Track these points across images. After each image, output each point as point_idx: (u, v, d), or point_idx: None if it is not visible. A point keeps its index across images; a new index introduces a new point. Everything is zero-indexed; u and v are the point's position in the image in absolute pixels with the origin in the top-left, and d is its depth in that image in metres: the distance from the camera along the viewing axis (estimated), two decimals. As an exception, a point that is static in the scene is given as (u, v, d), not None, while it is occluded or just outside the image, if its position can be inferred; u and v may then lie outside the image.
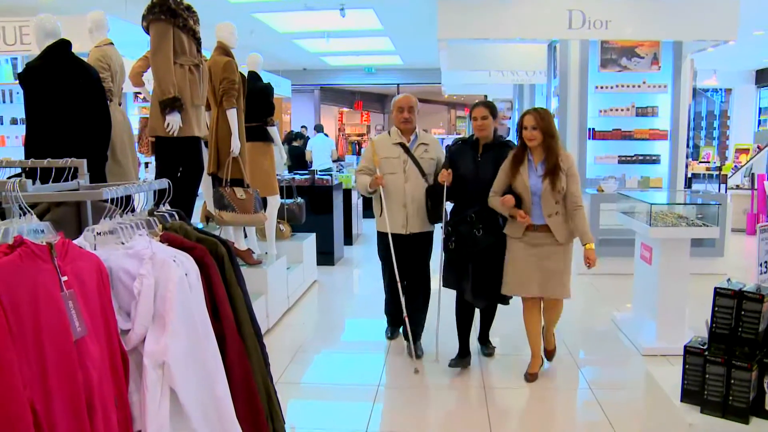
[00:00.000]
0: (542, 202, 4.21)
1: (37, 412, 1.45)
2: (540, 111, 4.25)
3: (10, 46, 8.43)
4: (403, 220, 4.78)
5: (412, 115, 4.80)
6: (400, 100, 4.85)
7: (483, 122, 4.48)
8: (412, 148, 4.80)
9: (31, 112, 4.26)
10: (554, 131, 4.21)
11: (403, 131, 4.83)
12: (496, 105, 4.63)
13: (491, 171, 4.40)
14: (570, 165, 4.21)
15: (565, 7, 7.53)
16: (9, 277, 1.45)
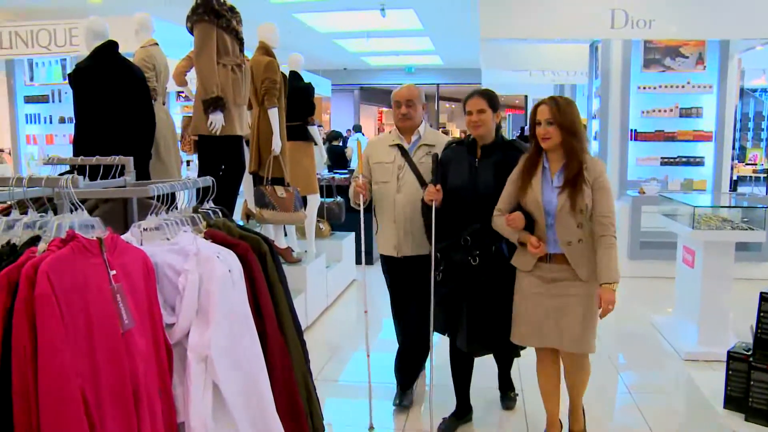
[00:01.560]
0: (558, 224, 3.18)
1: (87, 400, 1.50)
2: (559, 100, 3.19)
3: (60, 47, 8.65)
4: (395, 239, 3.87)
5: (413, 110, 3.87)
6: (397, 93, 3.95)
7: (479, 117, 3.49)
8: (412, 151, 3.87)
9: (79, 111, 4.38)
10: (578, 128, 3.15)
11: (402, 130, 3.92)
12: (496, 94, 3.64)
13: (492, 180, 3.45)
14: (598, 175, 3.16)
15: (607, 6, 7.44)
16: (62, 271, 1.50)
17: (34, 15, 9.56)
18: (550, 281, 3.25)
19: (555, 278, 3.24)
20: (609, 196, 3.17)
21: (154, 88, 5.04)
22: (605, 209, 3.14)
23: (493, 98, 3.57)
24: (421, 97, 3.95)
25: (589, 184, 3.12)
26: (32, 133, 9.97)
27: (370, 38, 13.13)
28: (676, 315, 5.50)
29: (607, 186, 3.17)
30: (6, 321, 1.46)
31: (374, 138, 4.38)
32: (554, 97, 3.21)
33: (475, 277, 3.42)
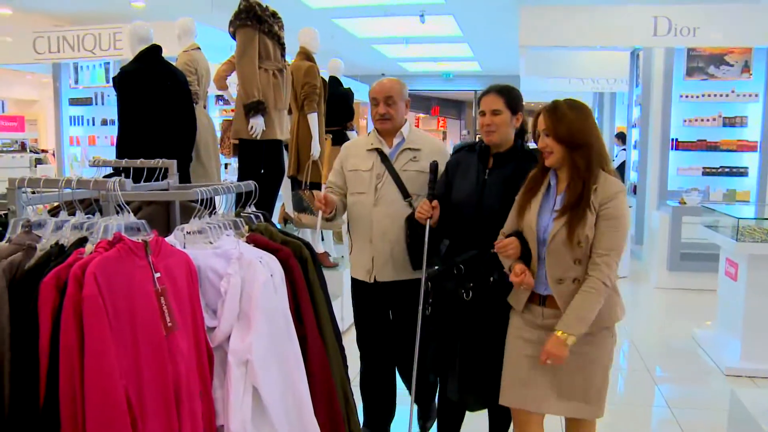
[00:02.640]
0: (549, 256, 2.53)
1: (131, 400, 1.52)
2: (559, 105, 2.53)
3: (104, 51, 8.82)
4: (368, 262, 3.24)
5: (393, 109, 3.18)
6: (374, 88, 3.26)
7: (493, 119, 2.83)
8: (393, 157, 3.22)
9: (123, 114, 4.45)
10: (583, 139, 2.49)
11: (382, 132, 3.25)
12: (518, 92, 2.96)
13: (500, 197, 2.80)
14: (608, 199, 2.46)
15: (650, 13, 7.36)
16: (108, 272, 1.52)
17: (80, 20, 9.79)
18: (541, 328, 2.59)
19: (549, 325, 2.55)
20: (617, 229, 2.47)
21: (195, 92, 5.10)
22: (605, 244, 2.46)
23: (513, 97, 2.90)
24: (404, 93, 3.26)
25: (594, 211, 2.47)
26: (75, 134, 10.19)
27: (408, 44, 13.14)
28: (718, 329, 5.38)
29: (617, 215, 2.46)
30: (55, 319, 1.49)
31: (350, 141, 3.69)
32: (556, 102, 2.57)
33: (467, 314, 2.79)
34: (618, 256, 2.50)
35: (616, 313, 2.62)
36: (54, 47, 9.09)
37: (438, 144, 3.37)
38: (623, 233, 2.51)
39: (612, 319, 2.60)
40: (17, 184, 1.84)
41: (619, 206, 2.47)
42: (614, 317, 2.61)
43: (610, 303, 2.57)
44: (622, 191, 2.51)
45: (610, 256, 2.47)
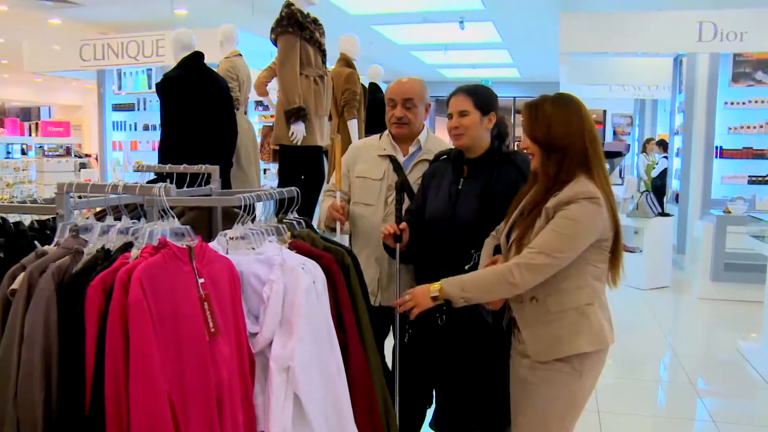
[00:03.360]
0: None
1: (174, 405, 1.52)
2: (540, 104, 2.26)
3: (147, 58, 8.99)
4: (372, 282, 2.86)
5: (411, 114, 2.86)
6: (392, 88, 2.93)
7: (460, 121, 2.58)
8: (408, 167, 2.91)
9: (166, 119, 4.52)
10: (562, 142, 2.18)
11: (396, 137, 2.94)
12: (491, 92, 2.69)
13: (474, 208, 2.54)
14: (570, 200, 2.14)
15: (694, 18, 7.24)
16: (154, 277, 1.53)
17: (124, 28, 9.99)
18: (518, 354, 2.35)
19: (521, 351, 2.31)
20: (559, 231, 2.12)
21: (236, 98, 5.15)
22: (537, 240, 2.14)
23: (483, 96, 2.62)
24: (425, 96, 2.93)
25: (549, 214, 2.16)
26: (118, 139, 10.39)
27: (447, 51, 13.12)
28: (765, 341, 5.24)
29: (568, 216, 2.12)
30: (101, 324, 1.50)
31: (360, 142, 3.26)
32: (540, 98, 2.29)
33: (442, 341, 2.57)
34: (546, 260, 2.10)
35: (578, 343, 2.18)
36: (99, 54, 9.29)
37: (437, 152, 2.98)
38: (566, 239, 2.11)
39: (571, 348, 2.18)
40: (65, 188, 1.86)
41: (576, 210, 2.12)
42: (575, 346, 2.18)
43: (572, 328, 2.18)
44: (589, 198, 2.13)
45: (534, 256, 2.11)
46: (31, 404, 1.52)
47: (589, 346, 2.19)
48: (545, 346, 2.21)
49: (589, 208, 2.13)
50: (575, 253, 2.14)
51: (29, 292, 1.58)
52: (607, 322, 2.25)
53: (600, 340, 2.22)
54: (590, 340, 2.19)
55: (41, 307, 1.56)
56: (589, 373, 2.25)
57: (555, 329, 2.19)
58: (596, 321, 2.20)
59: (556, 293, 2.19)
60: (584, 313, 2.18)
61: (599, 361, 2.27)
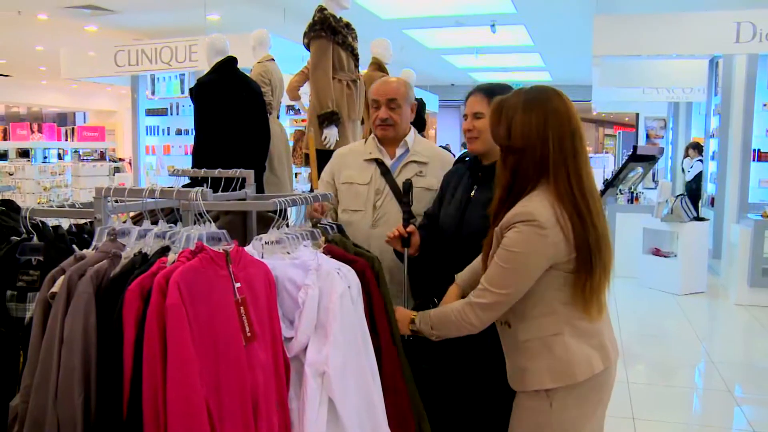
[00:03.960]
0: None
1: (211, 410, 1.52)
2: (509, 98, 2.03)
3: (180, 63, 9.09)
4: None
5: (396, 114, 2.78)
6: (376, 88, 2.84)
7: (474, 123, 2.43)
8: (395, 170, 2.83)
9: (200, 124, 4.56)
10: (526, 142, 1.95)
11: (382, 140, 2.86)
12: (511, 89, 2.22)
13: (482, 218, 2.23)
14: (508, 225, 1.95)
15: (732, 19, 7.10)
16: (191, 282, 1.54)
17: (157, 34, 10.11)
18: None
19: None
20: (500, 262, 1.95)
21: (269, 103, 5.18)
22: (487, 277, 1.99)
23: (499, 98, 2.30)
24: (410, 96, 2.83)
25: (498, 239, 1.99)
26: (151, 143, 10.51)
27: (479, 54, 13.07)
28: (805, 349, 5.14)
29: (506, 245, 1.94)
30: (139, 327, 1.51)
31: (344, 148, 3.16)
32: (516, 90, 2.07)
33: (437, 356, 2.38)
34: (495, 298, 1.95)
35: (539, 377, 1.99)
36: (133, 60, 9.42)
37: (447, 157, 2.93)
38: (509, 274, 1.93)
39: (533, 382, 2.01)
40: (103, 193, 1.88)
41: (513, 238, 1.92)
42: (536, 381, 2.00)
43: (535, 360, 2.00)
44: (525, 222, 1.90)
45: (483, 294, 1.97)
46: (71, 406, 1.53)
47: (552, 381, 1.98)
48: (513, 376, 2.10)
49: (527, 233, 1.90)
50: (526, 286, 1.95)
51: (69, 295, 1.60)
52: (587, 351, 1.99)
53: (566, 374, 1.97)
54: (553, 375, 1.98)
55: (80, 310, 1.58)
56: (566, 407, 2.00)
57: (521, 359, 2.04)
58: (563, 353, 1.97)
59: (524, 320, 2.02)
60: (547, 345, 1.98)
61: (579, 396, 2.01)
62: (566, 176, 1.93)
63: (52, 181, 11.73)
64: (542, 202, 1.92)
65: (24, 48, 12.46)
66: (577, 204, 1.92)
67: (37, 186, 11.39)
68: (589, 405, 2.05)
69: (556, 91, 2.02)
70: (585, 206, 1.93)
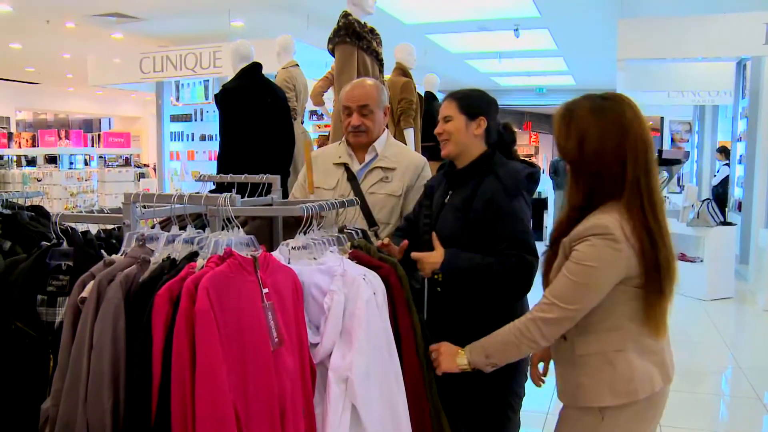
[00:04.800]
0: None
1: (239, 415, 1.53)
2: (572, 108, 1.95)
3: (204, 69, 9.17)
4: None
5: (368, 121, 2.74)
6: (348, 94, 2.79)
7: (444, 127, 2.43)
8: (361, 176, 2.78)
9: (225, 130, 4.58)
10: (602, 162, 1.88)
11: (354, 146, 2.83)
12: (483, 96, 2.49)
13: (449, 227, 2.37)
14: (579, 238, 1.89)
15: (760, 20, 7.02)
16: (220, 287, 1.55)
17: (182, 40, 10.21)
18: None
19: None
20: (570, 276, 1.87)
21: (294, 108, 5.20)
22: (553, 288, 1.92)
23: (468, 99, 2.43)
24: (382, 100, 2.78)
25: (566, 252, 1.93)
26: (176, 149, 10.58)
27: (502, 59, 13.04)
28: (837, 356, 5.05)
29: (577, 259, 1.86)
30: (168, 332, 1.52)
31: (319, 150, 3.13)
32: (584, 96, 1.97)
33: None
34: (561, 313, 1.87)
35: (599, 394, 1.92)
36: (158, 67, 9.52)
37: (416, 161, 2.86)
38: (580, 288, 1.86)
39: (591, 398, 1.94)
40: (132, 199, 1.90)
41: (586, 251, 1.85)
42: (595, 398, 1.93)
43: (594, 375, 1.93)
44: (600, 235, 1.83)
45: (548, 308, 1.89)
46: (100, 410, 1.55)
47: (612, 398, 1.90)
48: (568, 391, 2.01)
49: (601, 246, 1.83)
50: (595, 301, 1.88)
51: (98, 300, 1.62)
52: (648, 368, 1.93)
53: (627, 392, 1.90)
54: (614, 392, 1.90)
55: (110, 315, 1.60)
56: (618, 425, 1.94)
57: (578, 375, 1.96)
58: (626, 370, 1.90)
59: (584, 334, 1.94)
60: (609, 360, 1.91)
61: (635, 414, 1.94)
62: (638, 194, 1.87)
63: (78, 186, 11.86)
64: (614, 215, 1.86)
65: (52, 56, 12.66)
66: (648, 221, 1.86)
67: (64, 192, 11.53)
68: (642, 423, 1.98)
69: (628, 99, 1.94)
70: (655, 223, 1.87)
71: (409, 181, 2.76)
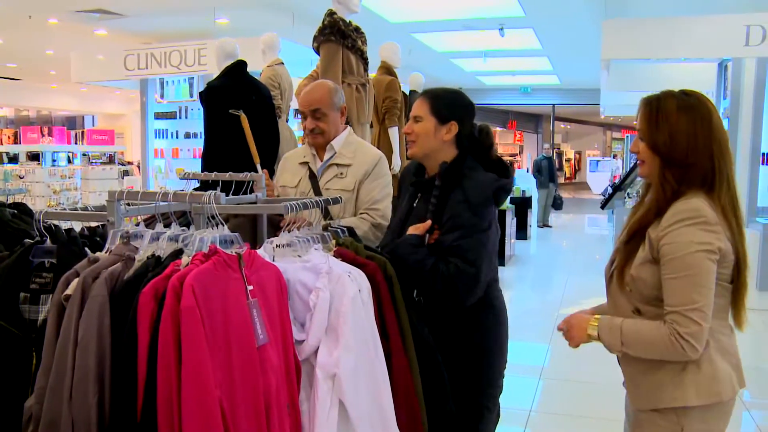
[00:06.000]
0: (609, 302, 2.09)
1: (224, 411, 1.54)
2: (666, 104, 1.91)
3: (189, 67, 9.12)
4: None
5: (323, 123, 2.84)
6: (300, 100, 2.95)
7: (412, 127, 2.41)
8: (320, 173, 2.91)
9: (209, 128, 4.57)
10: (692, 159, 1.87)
11: (315, 146, 2.95)
12: (460, 97, 2.48)
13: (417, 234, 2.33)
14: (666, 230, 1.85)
15: (742, 22, 7.08)
16: (205, 284, 1.55)
17: (167, 37, 10.15)
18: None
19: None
20: (674, 275, 1.79)
21: (278, 106, 5.19)
22: (669, 298, 1.81)
23: (442, 101, 2.40)
24: (335, 102, 2.87)
25: (653, 245, 1.86)
26: (160, 147, 10.52)
27: (487, 58, 13.08)
28: (816, 354, 5.12)
29: (670, 254, 1.80)
30: (153, 329, 1.52)
31: (290, 152, 3.24)
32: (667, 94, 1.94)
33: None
34: (698, 313, 1.75)
35: (682, 393, 1.85)
36: (143, 64, 9.45)
37: (370, 156, 2.94)
38: (689, 281, 1.77)
39: (673, 398, 1.86)
40: (117, 196, 1.90)
41: (675, 242, 1.79)
42: (678, 397, 1.86)
43: (677, 374, 1.86)
44: (685, 220, 1.79)
45: (681, 314, 1.77)
46: (85, 407, 1.55)
47: (697, 398, 1.84)
48: (644, 393, 1.92)
49: (687, 233, 1.80)
50: (712, 290, 1.80)
51: (83, 297, 1.62)
52: (728, 369, 1.88)
53: (711, 391, 1.84)
54: (698, 391, 1.84)
55: (95, 312, 1.60)
56: (700, 430, 1.87)
57: (657, 374, 1.88)
58: (709, 369, 1.84)
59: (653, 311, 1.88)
60: (695, 360, 1.83)
61: (714, 417, 1.88)
62: (727, 185, 1.88)
63: (61, 184, 11.79)
64: (702, 200, 1.84)
65: (34, 52, 12.53)
66: (728, 214, 1.86)
67: (47, 189, 11.46)
68: (721, 426, 1.92)
69: (707, 98, 1.95)
70: (735, 217, 1.88)
71: (361, 176, 2.85)
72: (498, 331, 2.49)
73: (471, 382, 2.42)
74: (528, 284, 9.24)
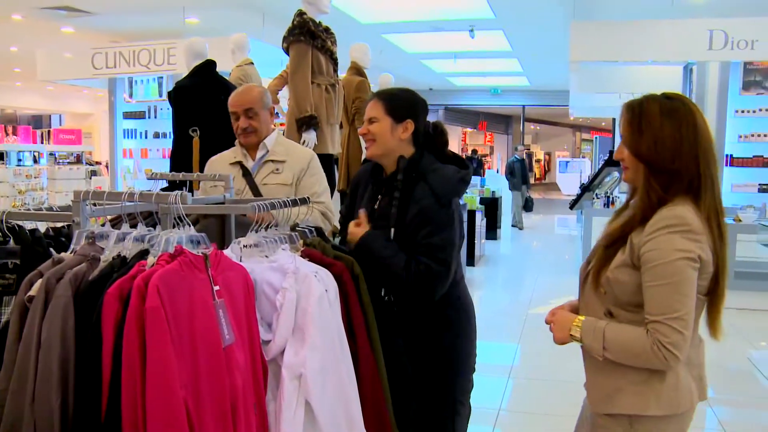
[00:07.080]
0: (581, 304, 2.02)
1: (190, 412, 1.53)
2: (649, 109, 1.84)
3: (158, 66, 9.05)
4: None
5: (255, 122, 2.94)
6: (231, 100, 3.02)
7: (369, 128, 2.44)
8: (255, 171, 2.99)
9: (178, 128, 4.54)
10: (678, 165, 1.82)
11: (246, 146, 3.04)
12: (412, 97, 2.49)
13: (383, 229, 2.38)
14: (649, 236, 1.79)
15: (705, 27, 7.23)
16: (170, 285, 1.55)
17: (135, 36, 10.05)
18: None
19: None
20: (655, 282, 1.76)
21: (248, 107, 5.18)
22: (649, 306, 1.77)
23: (396, 101, 2.43)
24: (265, 101, 3.00)
25: (633, 249, 1.83)
26: (129, 147, 10.42)
27: (457, 59, 13.16)
28: (776, 351, 5.23)
29: (652, 260, 1.76)
30: (117, 330, 1.51)
31: (216, 156, 3.24)
32: (650, 99, 1.87)
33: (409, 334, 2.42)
34: (680, 322, 1.72)
35: (641, 402, 1.83)
36: (111, 63, 9.35)
37: (304, 154, 3.10)
38: (670, 289, 1.74)
39: (630, 405, 1.85)
40: (82, 196, 1.88)
41: (657, 248, 1.76)
42: (635, 405, 1.84)
43: (637, 382, 1.84)
44: (669, 227, 1.76)
45: (663, 323, 1.73)
46: (48, 409, 1.54)
47: (656, 407, 1.82)
48: (601, 396, 1.90)
49: (671, 240, 1.76)
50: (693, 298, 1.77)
51: (47, 298, 1.61)
52: (691, 382, 1.87)
53: (671, 402, 1.83)
54: (658, 401, 1.82)
55: (59, 313, 1.58)
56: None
57: (617, 379, 1.85)
58: (672, 378, 1.82)
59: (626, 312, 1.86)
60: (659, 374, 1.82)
61: (668, 428, 1.86)
62: (712, 189, 1.83)
63: (27, 184, 11.62)
64: (688, 208, 1.79)
65: (-2, 49, 12.33)
66: (711, 222, 1.82)
67: (11, 189, 11.28)
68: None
69: (690, 100, 1.90)
70: (717, 224, 1.83)
71: (299, 172, 2.98)
72: (467, 327, 2.55)
73: (444, 378, 2.47)
74: (498, 284, 9.31)
